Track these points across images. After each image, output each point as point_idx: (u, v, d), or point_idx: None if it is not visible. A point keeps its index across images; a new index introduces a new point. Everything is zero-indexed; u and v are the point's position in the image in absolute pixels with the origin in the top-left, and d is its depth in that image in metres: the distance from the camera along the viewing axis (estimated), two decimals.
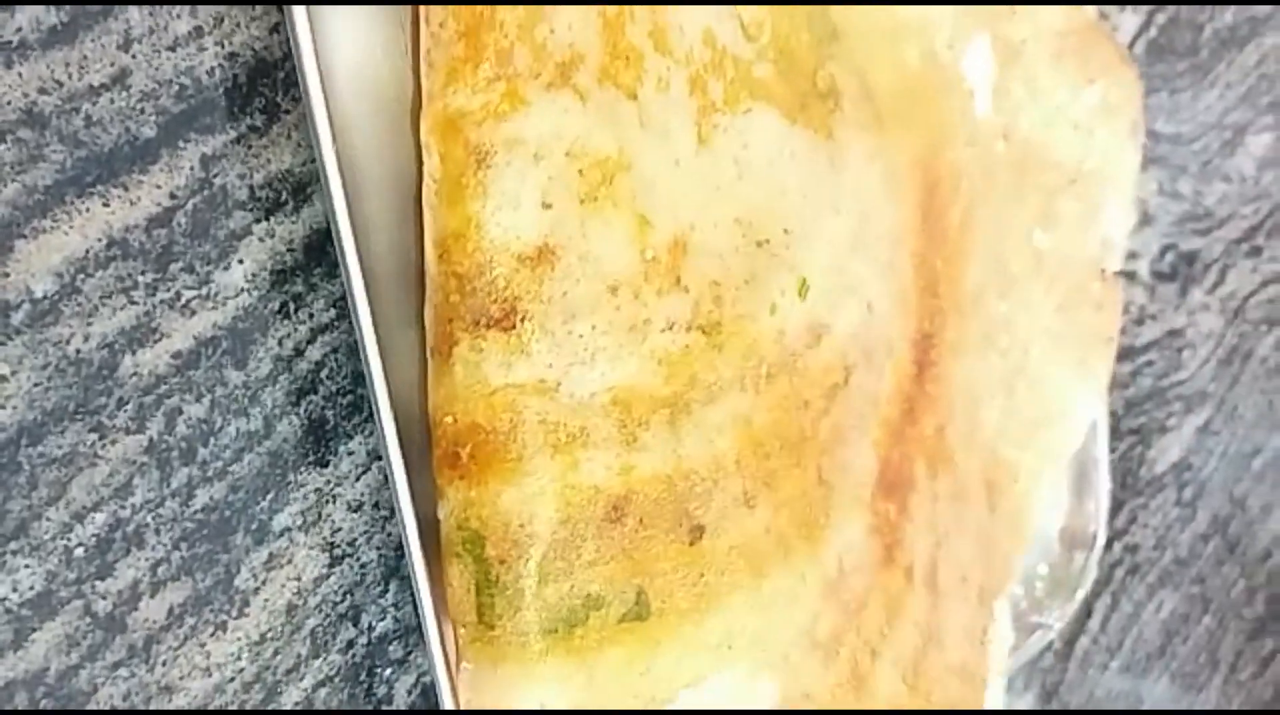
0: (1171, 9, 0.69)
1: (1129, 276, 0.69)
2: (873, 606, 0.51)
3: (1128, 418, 0.71)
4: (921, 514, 0.54)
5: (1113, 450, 0.68)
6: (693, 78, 0.41)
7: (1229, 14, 0.73)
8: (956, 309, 0.55)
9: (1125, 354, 0.69)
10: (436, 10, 0.35)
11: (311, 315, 0.38)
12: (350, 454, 0.39)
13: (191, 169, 0.35)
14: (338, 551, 0.39)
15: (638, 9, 0.39)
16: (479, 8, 0.35)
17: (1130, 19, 0.66)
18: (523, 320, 0.37)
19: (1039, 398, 0.60)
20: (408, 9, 0.37)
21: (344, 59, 0.36)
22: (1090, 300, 0.61)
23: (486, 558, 0.38)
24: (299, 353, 0.38)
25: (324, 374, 0.38)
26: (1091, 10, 0.58)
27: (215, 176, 0.35)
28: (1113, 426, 0.69)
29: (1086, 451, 0.64)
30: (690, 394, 0.41)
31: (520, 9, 0.36)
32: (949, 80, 0.52)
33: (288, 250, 0.37)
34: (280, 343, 0.37)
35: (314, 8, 0.35)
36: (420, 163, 0.37)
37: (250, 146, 0.36)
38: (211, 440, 0.36)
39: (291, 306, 0.37)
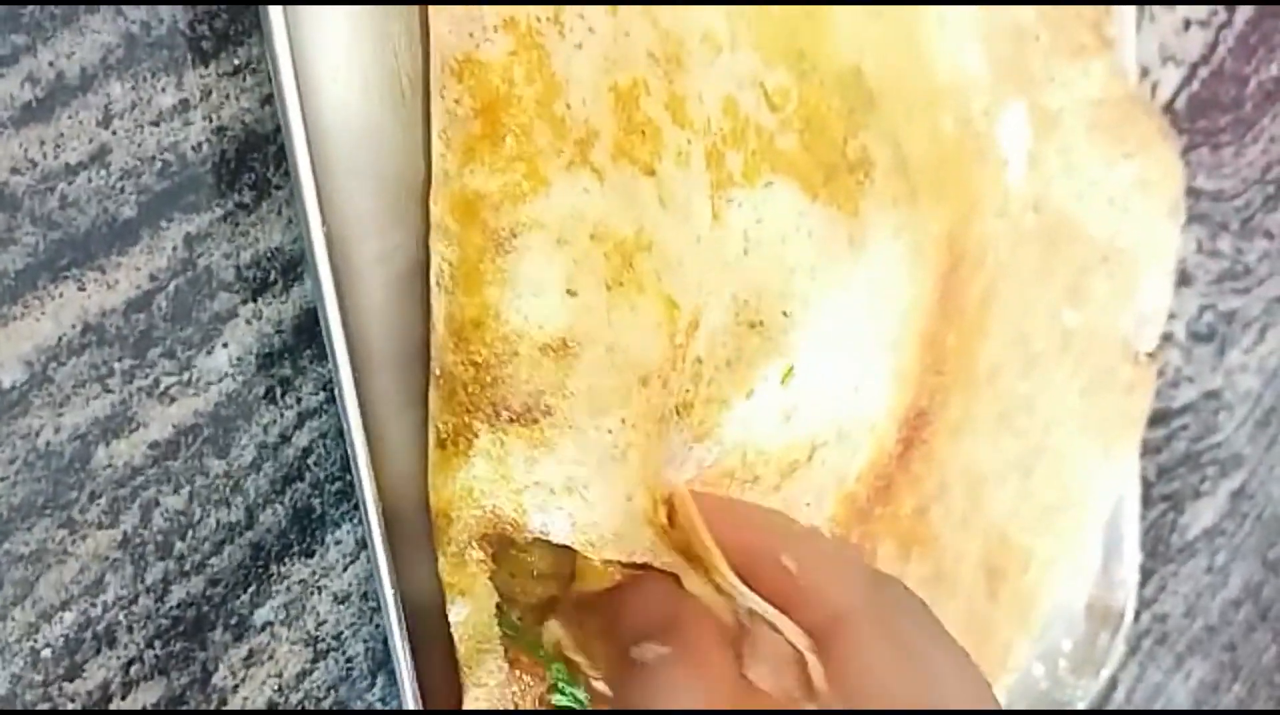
0: (1215, 61, 0.66)
1: (1165, 337, 0.67)
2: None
3: (1160, 484, 0.69)
4: None
5: (1143, 517, 0.66)
6: (709, 150, 0.39)
7: (1274, 66, 0.70)
8: (965, 387, 0.52)
9: (1160, 418, 0.66)
10: (452, 86, 0.34)
11: (299, 400, 0.36)
12: (338, 543, 0.37)
13: (174, 249, 0.33)
14: (322, 645, 0.38)
15: (651, 80, 0.37)
16: (495, 83, 0.33)
17: (1172, 73, 0.64)
18: (547, 414, 0.35)
19: (1058, 482, 0.58)
20: (412, 84, 0.35)
21: (339, 134, 0.34)
22: (1120, 382, 0.58)
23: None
24: (285, 439, 0.36)
25: (311, 461, 0.36)
26: (1132, 79, 0.55)
27: (199, 257, 0.33)
28: (1144, 493, 0.67)
29: (1115, 524, 0.62)
30: (668, 467, 0.39)
31: (539, 83, 0.34)
32: (983, 149, 0.50)
33: (275, 332, 0.35)
34: (265, 429, 0.35)
35: (307, 76, 0.33)
36: (426, 244, 0.35)
37: (238, 224, 0.34)
38: (190, 533, 0.34)
39: (278, 391, 0.35)
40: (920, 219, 0.47)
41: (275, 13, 0.31)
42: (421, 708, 0.37)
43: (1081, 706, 0.61)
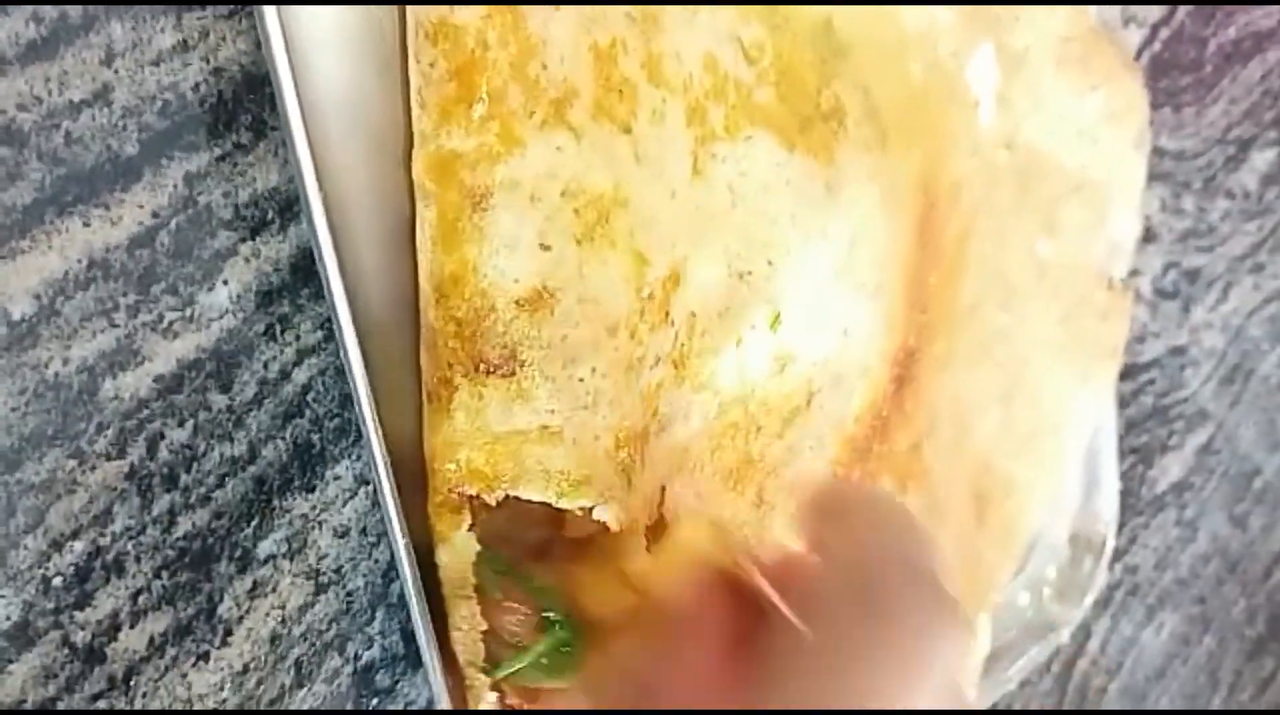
0: (1176, 23, 0.68)
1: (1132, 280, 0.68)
2: None
3: (1129, 437, 0.71)
4: None
5: None
6: (691, 106, 0.40)
7: (1232, 29, 0.72)
8: (948, 323, 0.54)
9: (1127, 372, 0.68)
10: (426, 49, 0.35)
11: (298, 337, 0.37)
12: (337, 479, 0.38)
13: (175, 187, 0.34)
14: (323, 579, 0.38)
15: (630, 39, 0.38)
16: (469, 46, 0.34)
17: (1134, 34, 0.65)
18: (522, 366, 0.36)
19: (1038, 409, 0.59)
20: (395, 49, 0.36)
21: (331, 93, 0.35)
22: (1095, 310, 0.60)
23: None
24: (285, 376, 0.37)
25: (310, 397, 0.37)
26: (1093, 15, 0.57)
27: (199, 195, 0.34)
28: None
29: (1095, 453, 0.63)
30: (651, 425, 0.40)
31: (513, 45, 0.35)
32: (953, 91, 0.51)
33: (274, 271, 0.36)
34: (266, 366, 0.36)
35: (298, 43, 0.34)
36: (413, 202, 0.36)
37: (235, 164, 0.35)
38: (194, 466, 0.35)
39: (278, 328, 0.36)
40: (893, 164, 0.49)
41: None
42: (431, 641, 0.38)
43: (1066, 632, 0.63)
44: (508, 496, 0.37)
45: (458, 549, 0.37)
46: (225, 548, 0.36)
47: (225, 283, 0.35)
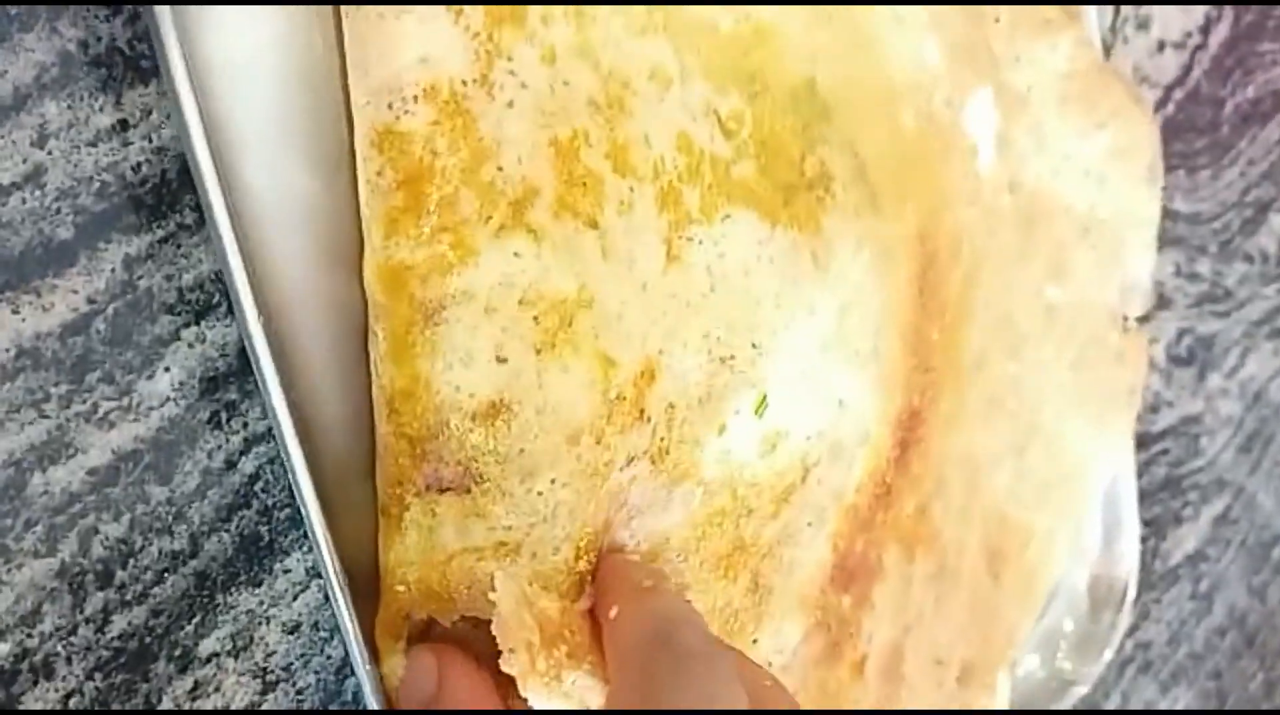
0: (1191, 83, 0.66)
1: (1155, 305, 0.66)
2: (804, 704, 0.48)
3: (1141, 509, 0.68)
4: (887, 602, 0.50)
5: None
6: (663, 192, 0.38)
7: (1250, 88, 0.70)
8: (954, 378, 0.52)
9: (1140, 442, 0.65)
10: (373, 157, 0.33)
11: (246, 424, 0.35)
12: (287, 572, 0.37)
13: (113, 271, 0.32)
14: (271, 677, 0.37)
15: (593, 130, 0.36)
16: (416, 154, 0.33)
17: (1148, 95, 0.64)
18: (478, 481, 0.34)
19: (1054, 457, 0.57)
20: (346, 150, 0.34)
21: (276, 196, 0.33)
22: (1110, 352, 0.57)
23: None
24: (231, 465, 0.35)
25: (259, 487, 0.36)
26: (1098, 47, 0.55)
27: (139, 278, 0.33)
28: None
29: (1115, 499, 0.61)
30: (617, 516, 0.38)
31: (464, 150, 0.33)
32: (948, 140, 0.49)
33: (220, 356, 0.35)
34: (210, 455, 0.35)
35: (235, 137, 0.32)
36: (366, 311, 0.35)
37: (179, 246, 0.33)
38: (130, 561, 0.33)
39: (224, 416, 0.35)
40: (887, 223, 0.46)
41: (183, 88, 0.31)
42: None
43: (1082, 690, 0.60)
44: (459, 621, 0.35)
45: (387, 674, 0.36)
46: (164, 646, 0.34)
47: (167, 370, 0.33)
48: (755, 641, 0.45)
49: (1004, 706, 0.58)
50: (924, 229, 0.48)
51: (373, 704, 0.36)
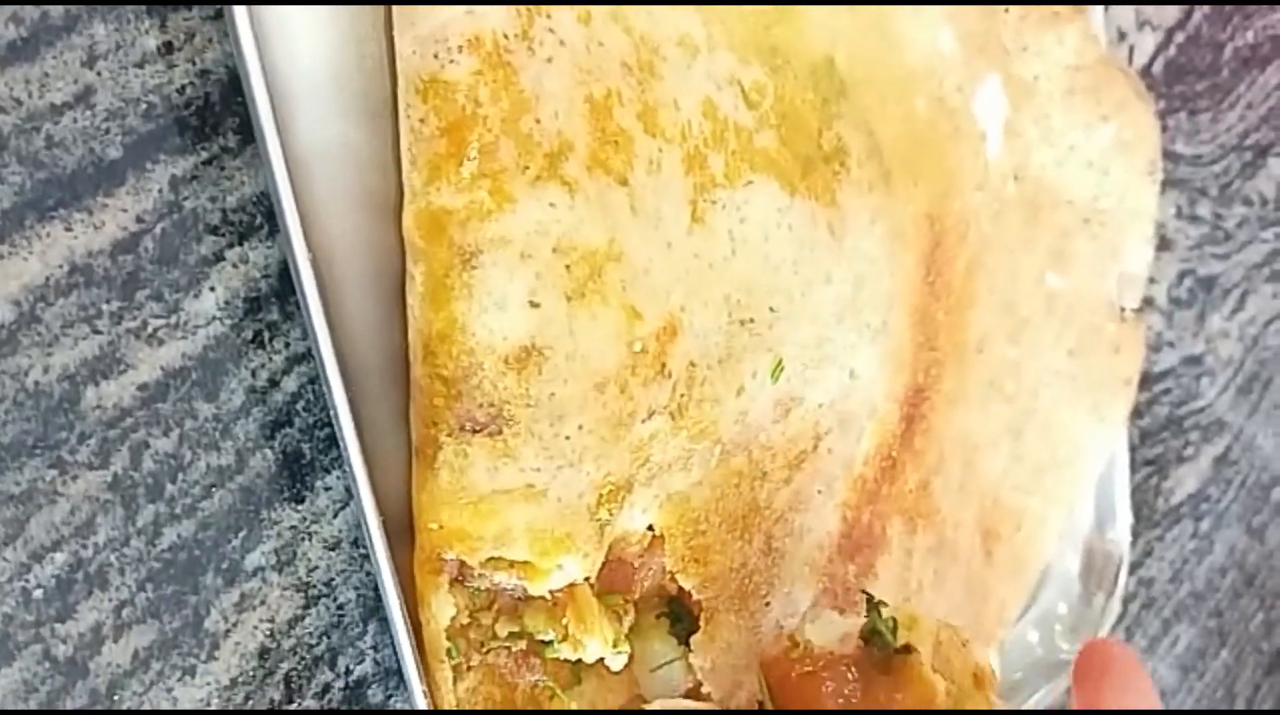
0: (1191, 27, 0.67)
1: (1146, 301, 0.67)
2: None
3: (1143, 448, 0.69)
4: (890, 573, 0.52)
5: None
6: (689, 155, 0.39)
7: (1250, 33, 0.71)
8: (957, 358, 0.53)
9: (1141, 382, 0.66)
10: (416, 105, 0.34)
11: (288, 344, 0.36)
12: (327, 490, 0.38)
13: (160, 192, 0.33)
14: (313, 592, 0.38)
15: (625, 90, 0.37)
16: (460, 103, 0.34)
17: (1148, 38, 0.64)
18: (509, 424, 0.35)
19: (1049, 442, 0.58)
20: (387, 102, 0.35)
21: (320, 143, 0.34)
22: (1107, 342, 0.59)
23: None
24: (274, 384, 0.36)
25: (300, 406, 0.37)
26: (1104, 42, 0.56)
27: (185, 199, 0.34)
28: (1129, 457, 0.67)
29: (1108, 485, 0.62)
30: (637, 475, 0.40)
31: (505, 101, 0.34)
32: (959, 125, 0.50)
33: (263, 277, 0.35)
34: (254, 373, 0.36)
35: (286, 95, 0.33)
36: (404, 256, 0.36)
37: (223, 168, 0.34)
38: (180, 476, 0.34)
39: (266, 335, 0.36)
40: (898, 202, 0.48)
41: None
42: (414, 659, 0.37)
43: None
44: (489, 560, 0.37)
45: (434, 612, 0.37)
46: (212, 559, 0.35)
47: (212, 289, 0.34)
48: (768, 604, 0.46)
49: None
50: (933, 210, 0.50)
51: (402, 636, 0.37)
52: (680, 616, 0.44)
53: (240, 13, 0.32)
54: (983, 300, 0.54)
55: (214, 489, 0.35)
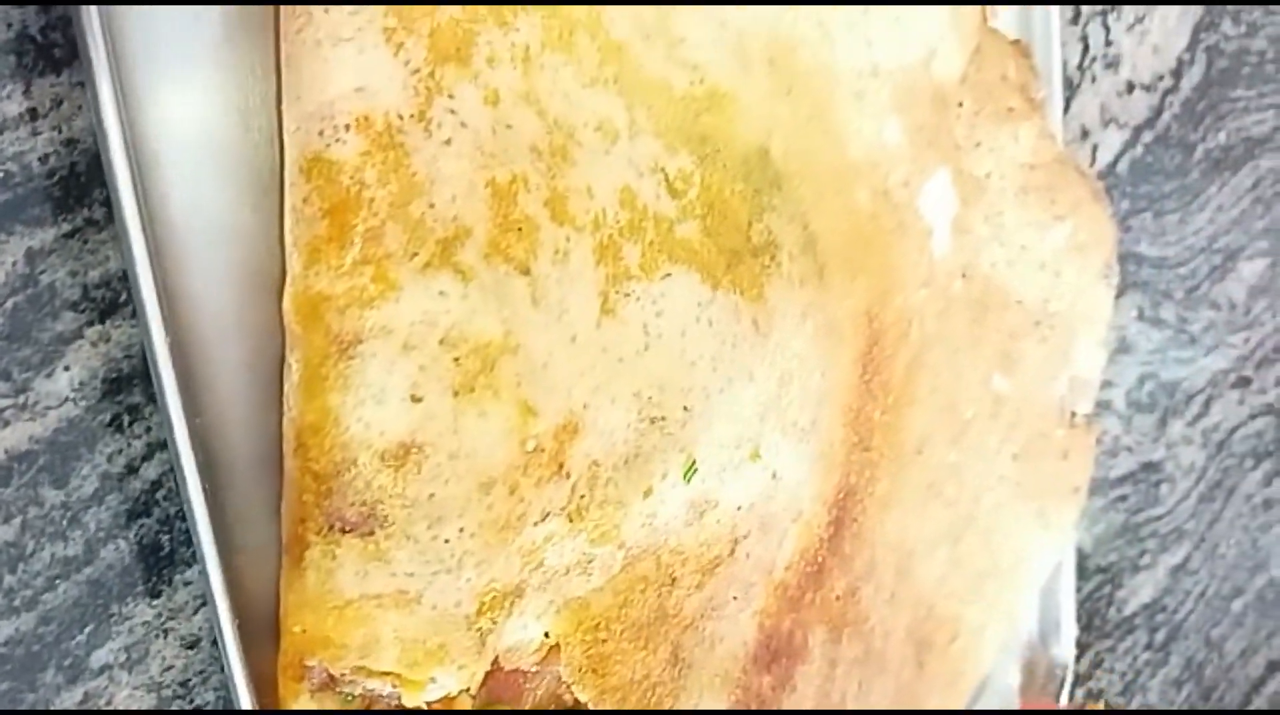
0: (1160, 126, 0.65)
1: (1103, 406, 0.65)
2: None
3: (1096, 555, 0.67)
4: (810, 685, 0.49)
5: (1078, 589, 0.64)
6: (602, 244, 0.37)
7: (1223, 133, 0.69)
8: (894, 460, 0.51)
9: (1096, 487, 0.64)
10: (300, 184, 0.32)
11: (149, 428, 0.34)
12: (188, 584, 0.35)
13: (14, 264, 0.31)
14: (167, 692, 0.35)
15: (533, 175, 0.36)
16: (344, 184, 0.32)
17: (1114, 136, 0.63)
18: (383, 525, 0.33)
19: (990, 549, 0.56)
20: (276, 181, 0.33)
21: (199, 217, 0.32)
22: (1054, 447, 0.57)
23: None
24: (132, 470, 0.34)
25: (160, 495, 0.34)
26: (1061, 140, 0.54)
27: (42, 273, 0.32)
28: (1080, 564, 0.65)
29: (1053, 595, 0.60)
30: (529, 580, 0.37)
31: (394, 184, 0.32)
32: (903, 220, 0.48)
33: (125, 357, 0.33)
34: (110, 459, 0.33)
35: (160, 157, 0.32)
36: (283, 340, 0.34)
37: (86, 241, 0.32)
38: (20, 566, 0.32)
39: (126, 419, 0.34)
40: (833, 297, 0.45)
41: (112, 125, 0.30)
42: None
43: None
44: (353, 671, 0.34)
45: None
46: (53, 656, 0.33)
47: (67, 368, 0.32)
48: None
49: None
50: (872, 307, 0.47)
51: None
52: None
53: (102, 76, 0.30)
54: (924, 400, 0.52)
55: (58, 581, 0.33)
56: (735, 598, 0.46)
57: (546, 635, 0.39)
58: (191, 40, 0.32)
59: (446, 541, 0.35)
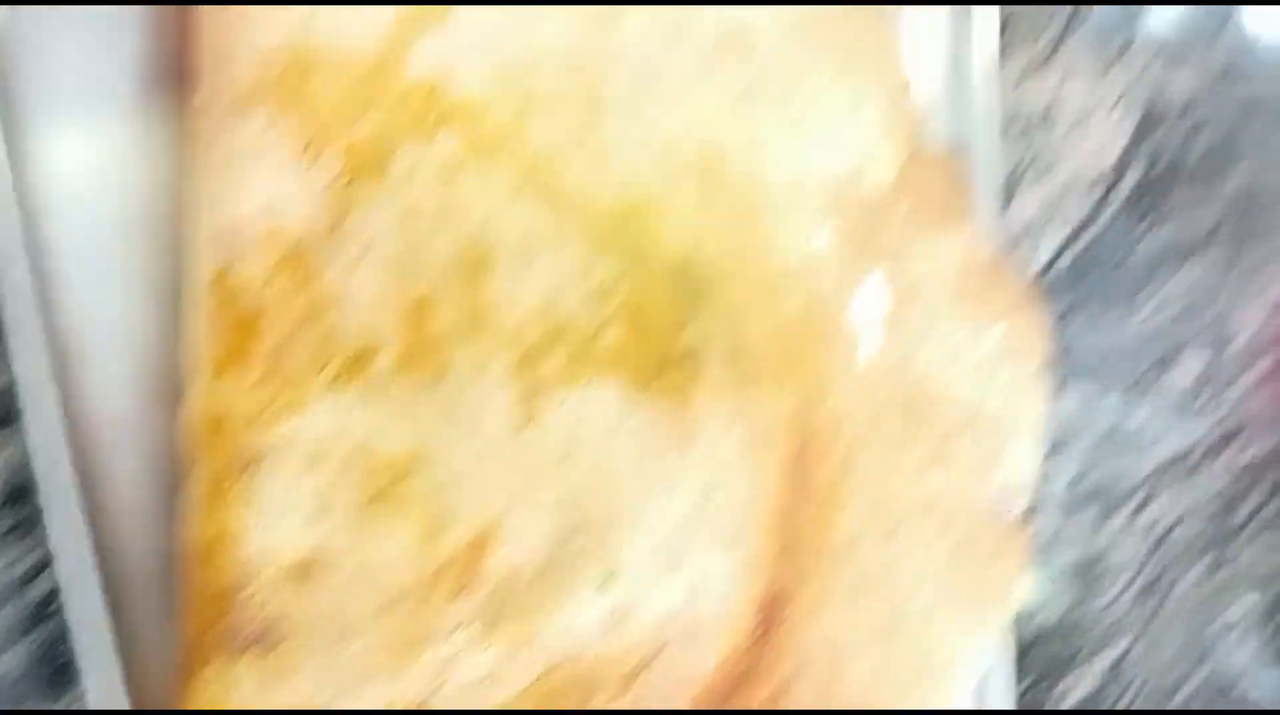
0: (1102, 223, 0.66)
1: (1037, 503, 0.65)
2: None
3: (1033, 651, 0.67)
4: None
5: (1018, 682, 0.64)
6: (521, 355, 0.37)
7: (1167, 228, 0.70)
8: (825, 560, 0.50)
9: (1035, 581, 0.64)
10: (206, 298, 0.32)
11: (47, 539, 0.33)
12: (82, 698, 0.35)
13: None
14: None
15: (449, 288, 0.36)
16: (251, 301, 0.32)
17: (1057, 232, 0.63)
18: (284, 641, 0.33)
19: (922, 650, 0.55)
20: (179, 285, 0.33)
21: (108, 328, 0.32)
22: (989, 545, 0.56)
23: None
24: (27, 581, 0.33)
25: (56, 606, 0.34)
26: (998, 241, 0.54)
27: None
28: (1019, 658, 0.65)
29: (984, 693, 0.60)
30: (440, 692, 0.37)
31: (302, 299, 0.32)
32: (835, 324, 0.49)
33: (23, 465, 0.33)
34: (4, 570, 0.33)
35: (63, 269, 0.31)
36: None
37: None
38: None
39: (23, 529, 0.33)
40: (760, 404, 0.46)
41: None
42: None
43: None
44: None
45: None
46: None
47: None
48: None
49: None
50: (802, 412, 0.47)
51: None
52: None
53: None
54: (855, 501, 0.52)
55: None
56: (659, 703, 0.45)
57: None
58: (98, 148, 0.32)
59: (349, 658, 0.34)
